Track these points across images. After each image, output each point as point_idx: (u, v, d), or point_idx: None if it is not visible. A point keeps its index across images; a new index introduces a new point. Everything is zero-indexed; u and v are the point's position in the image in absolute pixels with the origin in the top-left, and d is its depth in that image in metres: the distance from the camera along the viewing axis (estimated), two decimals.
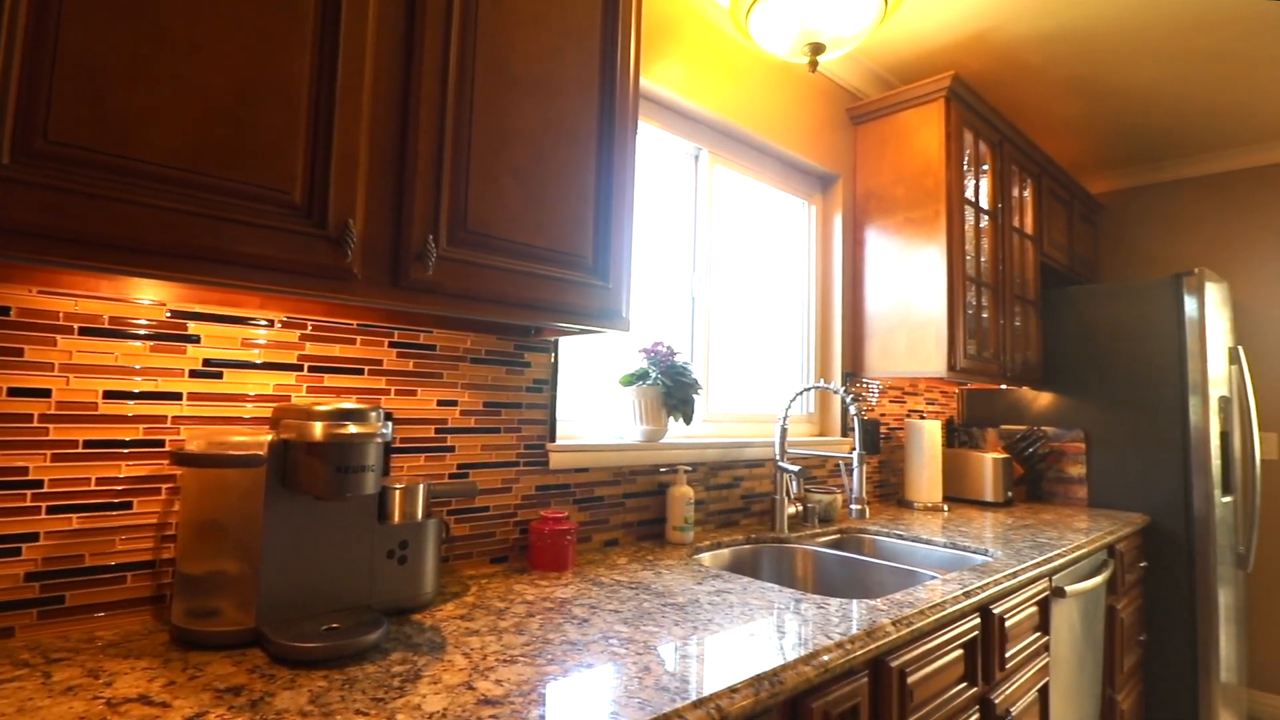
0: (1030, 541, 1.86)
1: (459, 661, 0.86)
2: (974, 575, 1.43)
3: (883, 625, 1.09)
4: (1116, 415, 2.65)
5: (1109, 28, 2.17)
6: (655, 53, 1.82)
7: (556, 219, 1.14)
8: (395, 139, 0.95)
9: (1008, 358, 2.57)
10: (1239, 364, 2.72)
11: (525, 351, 1.49)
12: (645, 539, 1.72)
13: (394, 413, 1.27)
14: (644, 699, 0.78)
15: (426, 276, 0.96)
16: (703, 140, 2.06)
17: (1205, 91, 2.59)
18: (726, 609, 1.14)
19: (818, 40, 1.83)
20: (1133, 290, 2.65)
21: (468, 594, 1.18)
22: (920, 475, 2.46)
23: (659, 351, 1.73)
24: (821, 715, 0.97)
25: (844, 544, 2.01)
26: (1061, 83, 2.55)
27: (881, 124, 2.44)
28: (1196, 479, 2.44)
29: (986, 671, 1.42)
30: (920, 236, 2.29)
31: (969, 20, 2.16)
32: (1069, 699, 1.85)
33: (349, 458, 0.93)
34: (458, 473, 1.36)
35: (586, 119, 1.20)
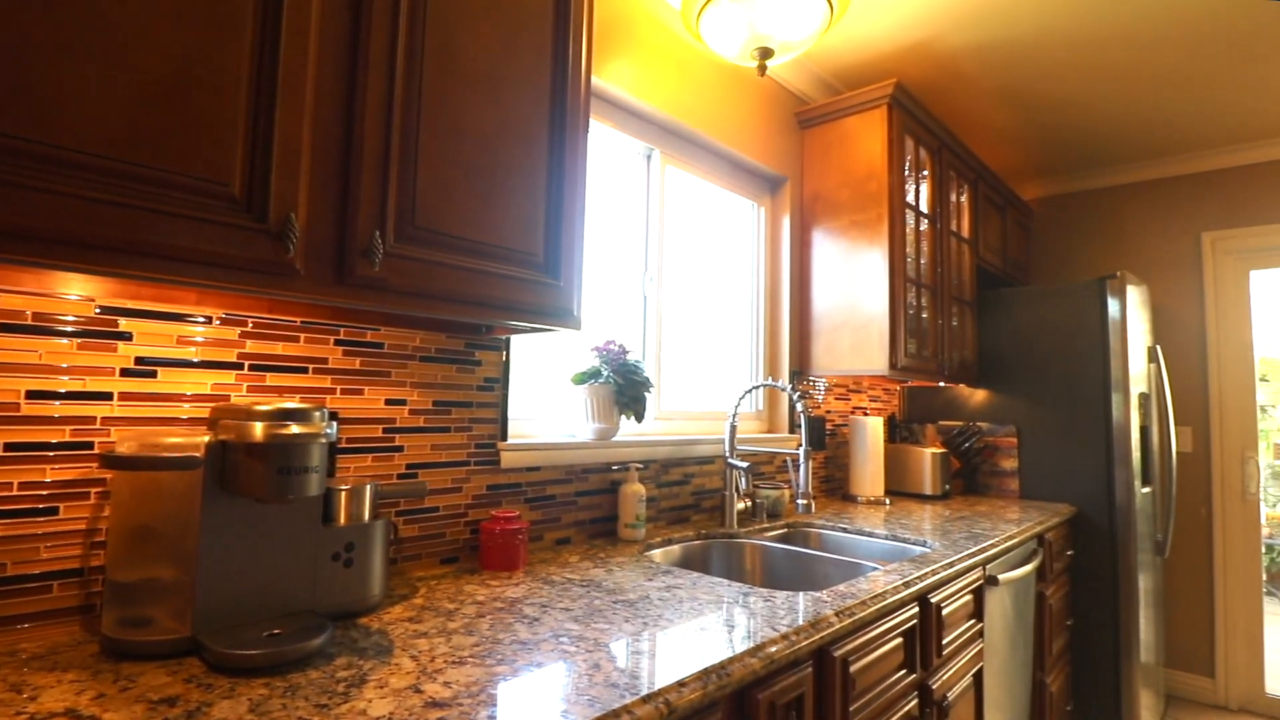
0: (966, 532, 1.94)
1: (406, 664, 0.85)
2: (913, 566, 1.48)
3: (826, 616, 1.12)
4: (1046, 411, 2.78)
5: (1039, 42, 2.28)
6: (608, 52, 1.83)
7: (507, 216, 1.13)
8: (340, 132, 0.93)
9: (946, 356, 2.67)
10: (1157, 362, 2.90)
11: (476, 350, 1.48)
12: (597, 537, 1.72)
13: (340, 412, 1.24)
14: (593, 696, 0.78)
15: (373, 273, 0.94)
16: (655, 140, 2.07)
17: (1125, 105, 2.75)
18: (676, 604, 1.16)
19: (766, 45, 1.87)
20: (1060, 292, 2.79)
21: (416, 596, 1.16)
22: (864, 470, 2.54)
23: (611, 350, 1.74)
24: (767, 706, 1.00)
25: (791, 538, 2.06)
26: (996, 93, 2.66)
27: (827, 129, 2.50)
28: (1118, 471, 2.59)
29: (925, 658, 1.48)
30: (864, 239, 2.36)
31: (910, 30, 2.24)
32: (1002, 682, 1.94)
33: (291, 459, 0.91)
34: (406, 473, 1.34)
35: (538, 116, 1.19)
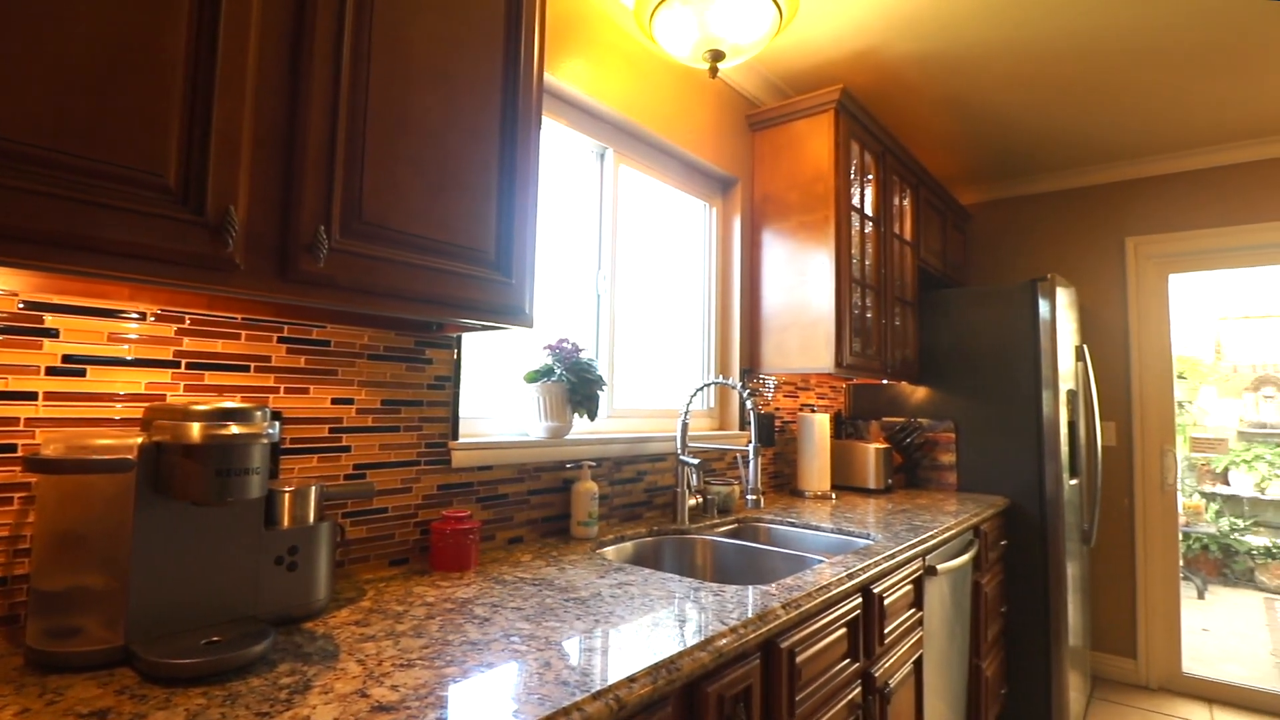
0: (907, 525, 2.02)
1: (353, 669, 0.84)
2: (857, 558, 1.53)
3: (774, 609, 1.15)
4: (982, 407, 2.91)
5: (978, 53, 2.37)
6: (562, 49, 1.82)
7: (458, 212, 1.12)
8: (283, 124, 0.91)
9: (889, 355, 2.76)
10: (1084, 361, 3.05)
11: (426, 348, 1.46)
12: (550, 535, 1.72)
13: (284, 412, 1.21)
14: (544, 695, 0.79)
15: (317, 269, 0.92)
16: (608, 139, 2.08)
17: (1057, 115, 2.88)
18: (628, 601, 1.17)
19: (718, 47, 1.89)
20: (995, 293, 2.91)
21: (364, 599, 1.14)
22: (811, 465, 2.60)
23: (564, 348, 1.73)
24: (716, 699, 1.02)
25: (741, 533, 2.10)
26: (937, 101, 2.76)
27: (777, 131, 2.55)
28: (1048, 464, 2.72)
29: (868, 647, 1.53)
30: (812, 240, 2.42)
31: (856, 37, 2.30)
32: (940, 669, 2.02)
33: (231, 460, 0.88)
34: (354, 473, 1.31)
35: (489, 111, 1.18)
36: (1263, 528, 5.54)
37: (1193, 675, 3.15)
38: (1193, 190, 3.26)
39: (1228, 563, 5.40)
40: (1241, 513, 5.66)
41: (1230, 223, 3.16)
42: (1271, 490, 5.51)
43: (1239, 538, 5.36)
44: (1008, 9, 2.11)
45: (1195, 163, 3.24)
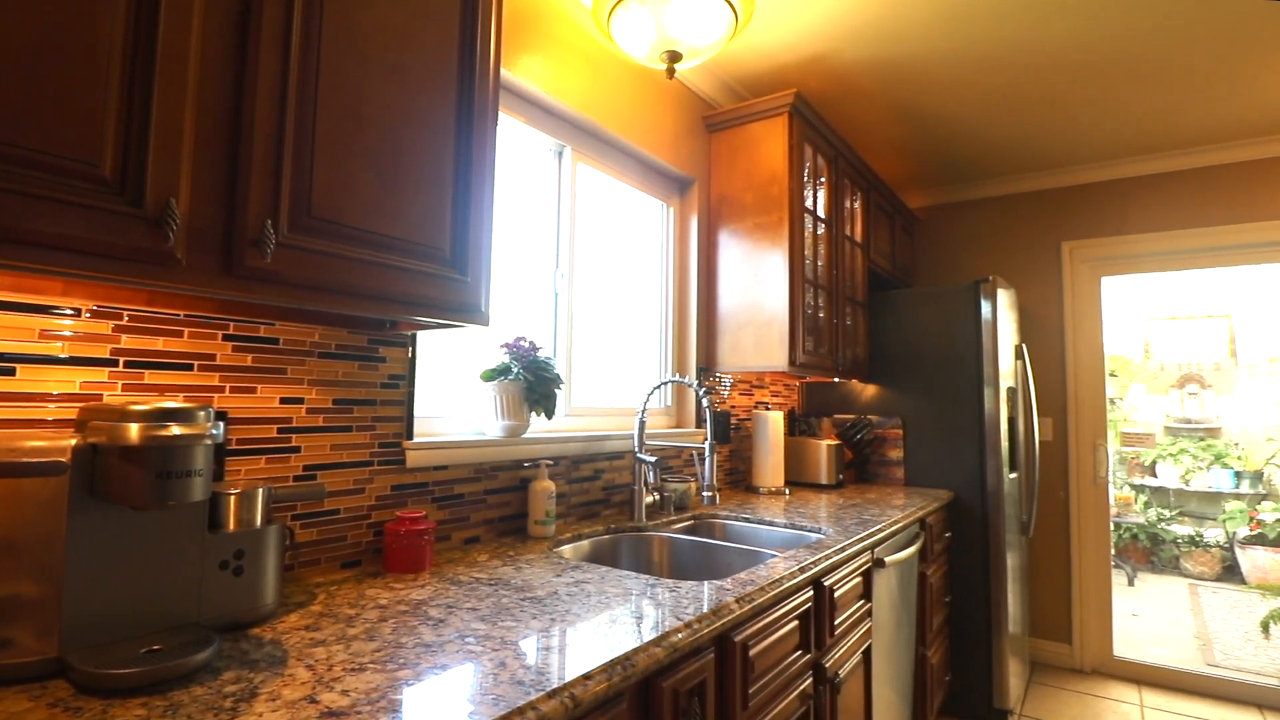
0: (857, 519, 2.07)
1: (301, 675, 0.82)
2: (808, 552, 1.57)
3: (728, 604, 1.17)
4: (928, 404, 3.00)
5: (926, 61, 2.45)
6: (520, 46, 1.81)
7: (412, 208, 1.10)
8: (228, 115, 0.88)
9: (840, 354, 2.83)
10: (1023, 359, 3.18)
11: (380, 346, 1.43)
12: (507, 535, 1.71)
13: (229, 412, 1.17)
14: (498, 695, 0.78)
15: (264, 264, 0.90)
16: (566, 138, 2.07)
17: (999, 123, 3.00)
18: (584, 599, 1.17)
19: (675, 48, 1.91)
20: (940, 294, 3.01)
21: (314, 603, 1.12)
22: (765, 462, 2.65)
23: (521, 347, 1.72)
24: (671, 693, 1.03)
25: (697, 529, 2.12)
26: (887, 107, 2.84)
27: (733, 133, 2.58)
28: (990, 459, 2.83)
29: (819, 639, 1.56)
30: (767, 241, 2.46)
31: (810, 42, 2.34)
32: (888, 658, 2.08)
33: (171, 462, 0.85)
34: (304, 475, 1.28)
35: (445, 106, 1.17)
36: (1187, 517, 5.87)
37: (1123, 658, 3.32)
38: (1124, 197, 3.43)
39: (1155, 551, 5.71)
40: (1168, 503, 5.99)
41: (1158, 228, 3.33)
42: (1195, 482, 5.85)
43: (1165, 527, 5.68)
44: (953, 20, 2.18)
45: (1126, 171, 3.41)
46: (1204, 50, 2.33)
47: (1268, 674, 3.38)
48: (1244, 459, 5.75)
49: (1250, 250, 3.17)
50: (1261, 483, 5.58)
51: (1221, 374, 6.12)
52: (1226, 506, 5.56)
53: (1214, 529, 5.62)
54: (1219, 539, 5.49)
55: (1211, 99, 2.71)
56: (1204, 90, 2.63)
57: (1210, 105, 2.76)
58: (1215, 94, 2.66)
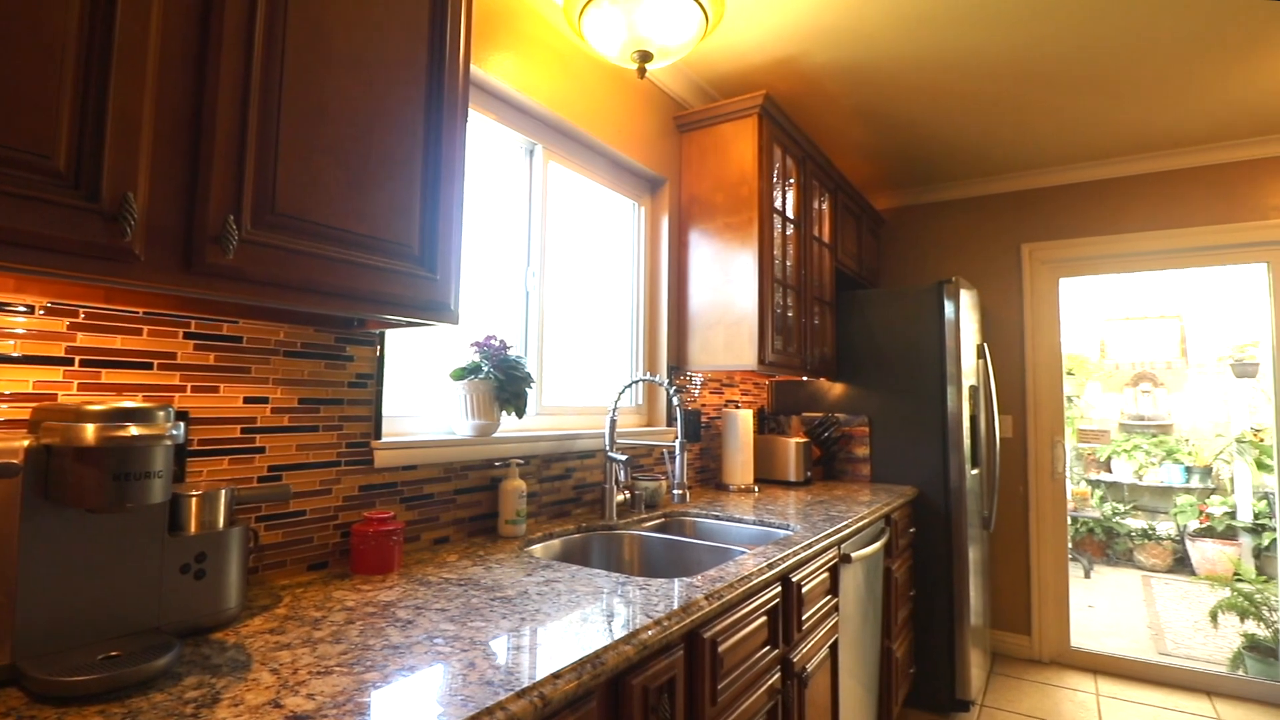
0: (824, 515, 2.10)
1: (265, 679, 0.81)
2: (777, 548, 1.59)
3: (697, 600, 1.18)
4: (893, 402, 3.06)
5: (891, 65, 2.50)
6: (491, 43, 1.80)
7: (380, 205, 1.09)
8: (189, 108, 0.86)
9: (809, 353, 2.87)
10: (984, 359, 3.26)
11: (348, 344, 1.41)
12: (477, 534, 1.70)
13: (190, 412, 1.14)
14: (467, 695, 0.78)
15: (226, 261, 0.88)
16: (538, 136, 2.06)
17: (963, 127, 3.07)
18: (554, 598, 1.17)
19: (646, 48, 1.91)
20: (905, 295, 3.07)
21: (279, 606, 1.10)
22: (735, 460, 2.67)
23: (491, 345, 1.71)
24: (640, 691, 1.04)
25: (668, 527, 2.13)
26: (854, 110, 2.88)
27: (704, 134, 2.60)
28: (952, 455, 2.90)
29: (787, 634, 1.59)
30: (737, 241, 2.48)
31: (779, 45, 2.37)
32: (854, 652, 2.12)
33: (129, 463, 0.83)
34: (269, 476, 1.26)
35: (413, 102, 1.16)
36: (1140, 511, 6.08)
37: (1080, 649, 3.43)
38: (1081, 201, 3.54)
39: (1110, 544, 5.91)
40: (1122, 498, 6.19)
41: (1114, 231, 3.45)
42: (1148, 477, 6.06)
43: (1120, 521, 5.87)
44: (918, 25, 2.23)
45: (1083, 175, 3.51)
46: (1158, 61, 2.42)
47: (1216, 661, 3.53)
48: (1194, 455, 5.98)
49: (1201, 253, 3.29)
50: (1210, 477, 5.81)
51: (1173, 372, 6.35)
52: (1177, 501, 5.77)
53: (1165, 522, 5.83)
54: (1170, 532, 5.70)
55: (1165, 107, 2.81)
56: (1158, 99, 2.73)
57: (1163, 113, 2.87)
58: (1168, 103, 2.76)
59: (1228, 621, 3.82)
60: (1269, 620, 3.46)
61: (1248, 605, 3.56)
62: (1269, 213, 3.11)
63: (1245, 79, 2.54)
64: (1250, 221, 3.14)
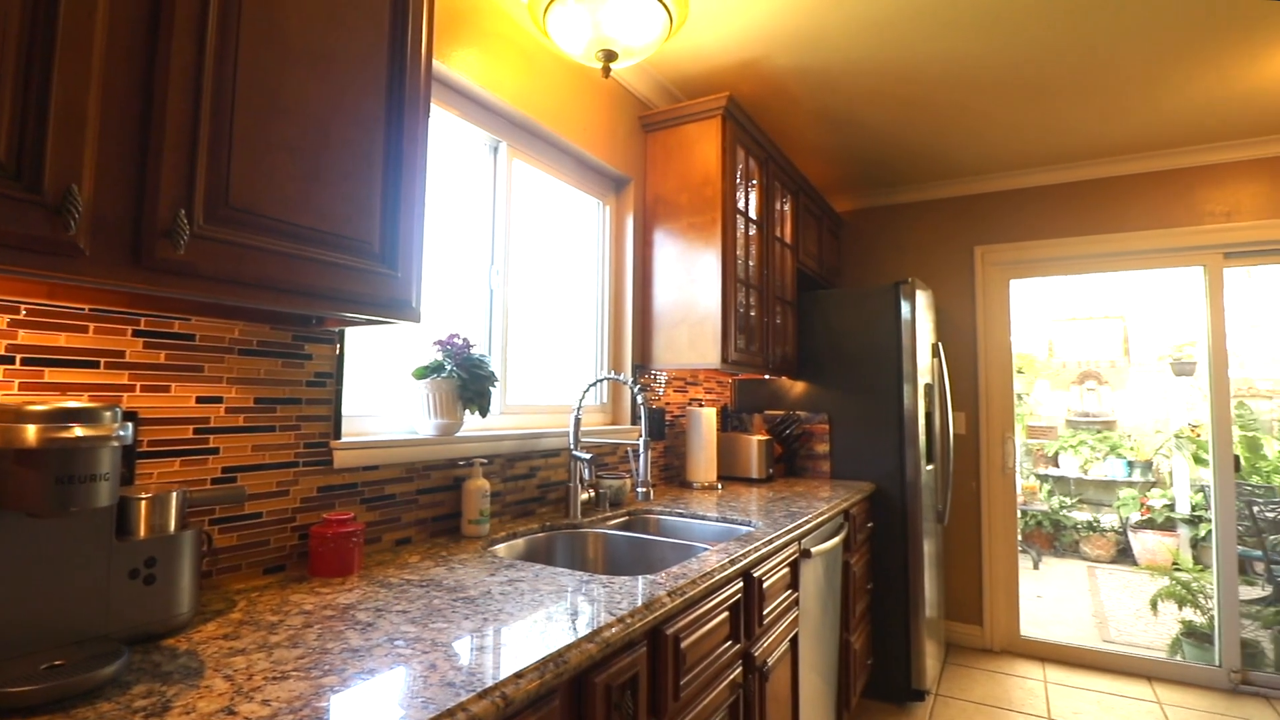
0: (785, 511, 2.14)
1: (219, 685, 0.79)
2: (739, 545, 1.61)
3: (660, 597, 1.19)
4: (852, 400, 3.13)
5: (850, 70, 2.55)
6: (454, 39, 1.78)
7: (338, 201, 1.07)
8: (138, 99, 0.83)
9: (771, 351, 2.91)
10: (939, 357, 3.36)
11: (306, 342, 1.38)
12: (440, 535, 1.68)
13: (140, 412, 1.11)
14: (428, 698, 0.78)
15: (176, 256, 0.85)
16: (502, 133, 2.05)
17: (918, 132, 3.15)
18: (518, 598, 1.17)
19: (610, 47, 1.92)
20: (864, 295, 3.14)
21: (234, 610, 1.07)
22: (699, 458, 2.70)
23: (454, 344, 1.70)
24: (604, 688, 1.04)
25: (632, 525, 2.14)
26: (815, 113, 2.93)
27: (668, 134, 2.61)
28: (908, 452, 2.97)
29: (749, 629, 1.61)
30: (701, 241, 2.51)
31: (742, 48, 2.40)
32: (814, 644, 2.17)
33: (73, 466, 0.80)
34: (223, 477, 1.23)
35: (374, 97, 1.14)
36: (1085, 504, 6.33)
37: (1029, 637, 3.55)
38: (1031, 205, 3.66)
39: (1057, 536, 6.13)
40: (1069, 491, 6.44)
41: (1062, 235, 3.58)
42: (1093, 471, 6.31)
43: (1066, 514, 6.10)
44: (875, 32, 2.28)
45: (1033, 181, 3.64)
46: (1104, 71, 2.52)
47: (1156, 648, 3.70)
48: (1136, 450, 6.24)
49: (1142, 256, 3.44)
50: (1151, 471, 6.08)
51: (1116, 371, 6.63)
52: (1120, 494, 6.03)
53: (1109, 515, 6.08)
54: (1114, 524, 5.95)
55: (1108, 117, 2.92)
56: (1102, 109, 2.84)
57: (1107, 122, 2.98)
58: (1112, 112, 2.88)
59: (1167, 609, 4.00)
60: (1205, 607, 3.64)
61: (1185, 594, 3.74)
62: (1204, 218, 3.27)
63: (1180, 92, 2.67)
64: (1187, 226, 3.29)
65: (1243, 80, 2.57)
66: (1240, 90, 2.65)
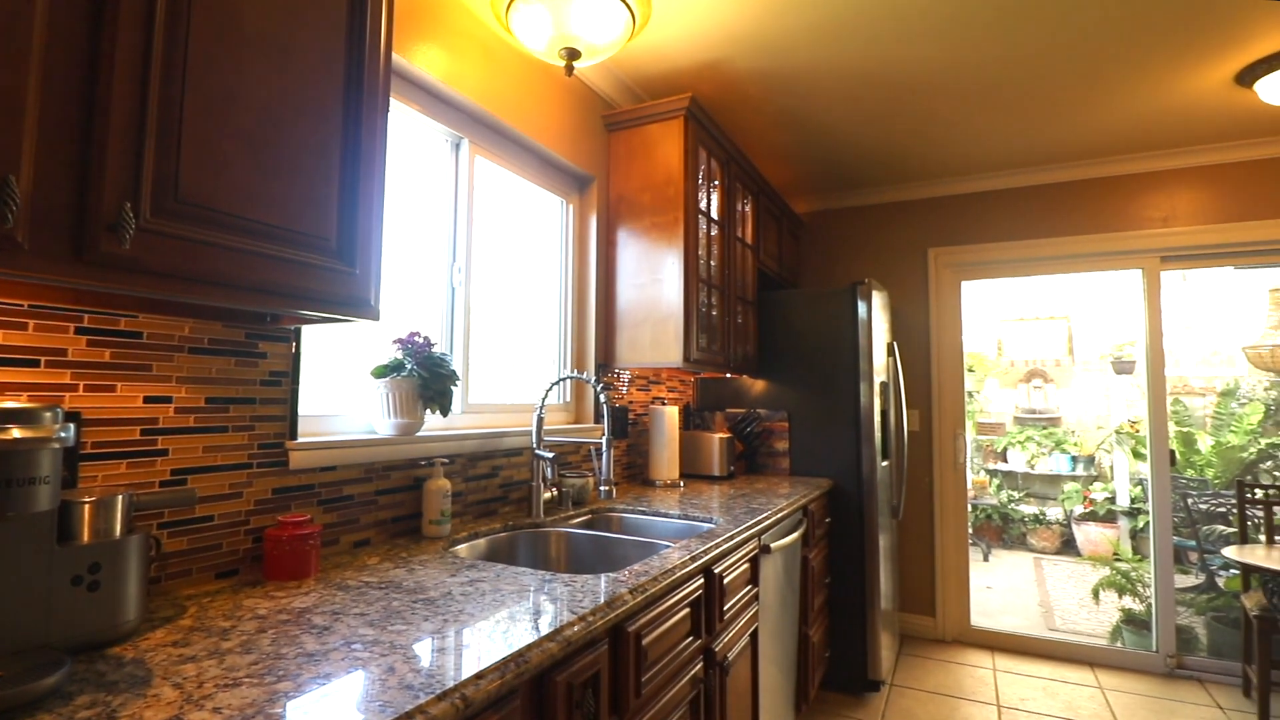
0: (746, 508, 2.17)
1: (168, 694, 0.77)
2: (700, 541, 1.63)
3: (622, 595, 1.20)
4: (811, 398, 3.19)
5: (808, 74, 2.59)
6: (415, 33, 1.75)
7: (294, 195, 1.05)
8: (80, 88, 0.80)
9: (732, 350, 2.94)
10: (894, 357, 3.44)
11: (260, 341, 1.35)
12: (400, 536, 1.66)
13: (83, 413, 1.07)
14: (386, 701, 0.77)
15: (122, 250, 0.83)
16: (464, 129, 2.03)
17: (875, 136, 3.22)
18: (479, 598, 1.17)
19: (574, 45, 1.91)
20: (822, 295, 3.20)
21: (184, 617, 1.04)
22: (661, 456, 2.71)
23: (415, 342, 1.67)
24: (565, 687, 1.05)
25: (595, 523, 2.15)
26: (775, 115, 2.98)
27: (631, 134, 2.62)
28: (865, 448, 3.04)
29: (710, 624, 1.63)
30: (663, 240, 2.52)
31: (705, 50, 2.42)
32: (774, 639, 2.20)
33: (11, 468, 0.77)
34: (172, 480, 1.19)
35: (331, 89, 1.12)
36: (1032, 498, 6.56)
37: (979, 627, 3.67)
38: (982, 209, 3.78)
39: (1006, 529, 6.34)
40: (1016, 485, 6.67)
41: (1011, 238, 3.70)
42: (1039, 466, 6.54)
43: (1014, 507, 6.32)
44: (833, 38, 2.32)
45: (984, 185, 3.76)
46: (1053, 82, 2.62)
47: (1098, 635, 3.86)
48: (1079, 445, 6.50)
49: (1086, 259, 3.58)
50: (1093, 466, 6.34)
51: (1061, 369, 6.89)
52: (1065, 487, 6.27)
53: (1054, 508, 6.32)
54: (1059, 517, 6.19)
55: (1057, 124, 3.04)
56: (1051, 117, 2.95)
57: (1056, 130, 3.10)
58: (1060, 120, 2.99)
59: (1108, 598, 4.19)
60: (1143, 596, 3.81)
61: (1125, 583, 3.91)
62: (1143, 223, 3.42)
63: (1123, 103, 2.79)
64: (1128, 231, 3.44)
65: (1179, 93, 2.70)
66: (1177, 102, 2.78)
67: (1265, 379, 5.16)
